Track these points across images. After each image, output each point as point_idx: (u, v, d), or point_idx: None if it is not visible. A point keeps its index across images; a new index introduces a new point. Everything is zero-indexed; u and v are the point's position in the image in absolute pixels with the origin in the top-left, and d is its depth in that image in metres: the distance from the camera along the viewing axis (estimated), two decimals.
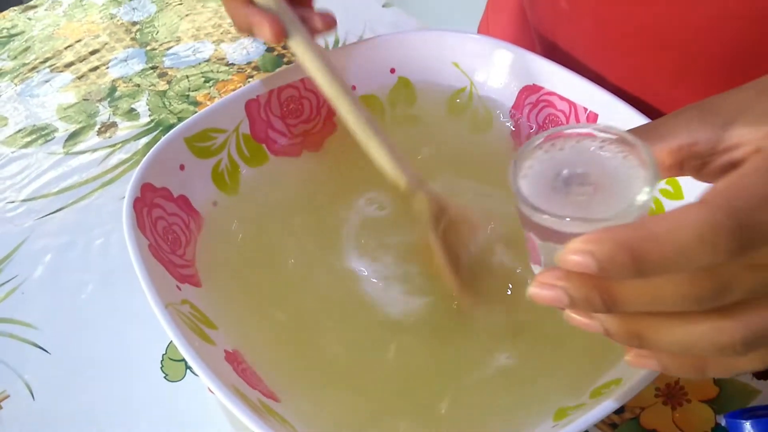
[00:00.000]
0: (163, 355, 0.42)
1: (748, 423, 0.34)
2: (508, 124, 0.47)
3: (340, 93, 0.40)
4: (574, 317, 0.25)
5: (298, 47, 0.40)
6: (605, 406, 0.29)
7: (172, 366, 0.42)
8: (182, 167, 0.42)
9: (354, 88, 0.48)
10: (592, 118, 0.43)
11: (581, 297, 0.23)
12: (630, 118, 0.41)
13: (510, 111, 0.47)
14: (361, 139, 0.40)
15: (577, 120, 0.44)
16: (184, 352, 0.31)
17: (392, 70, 0.48)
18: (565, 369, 0.35)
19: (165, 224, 0.40)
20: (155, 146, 0.41)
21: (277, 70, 0.47)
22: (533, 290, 0.24)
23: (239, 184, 0.44)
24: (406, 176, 0.40)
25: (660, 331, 0.23)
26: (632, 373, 0.31)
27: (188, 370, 0.41)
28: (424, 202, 0.40)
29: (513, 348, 0.37)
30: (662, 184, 0.40)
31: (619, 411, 0.38)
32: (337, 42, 0.63)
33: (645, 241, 0.21)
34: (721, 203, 0.21)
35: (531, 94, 0.46)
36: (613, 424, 0.37)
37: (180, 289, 0.37)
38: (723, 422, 0.37)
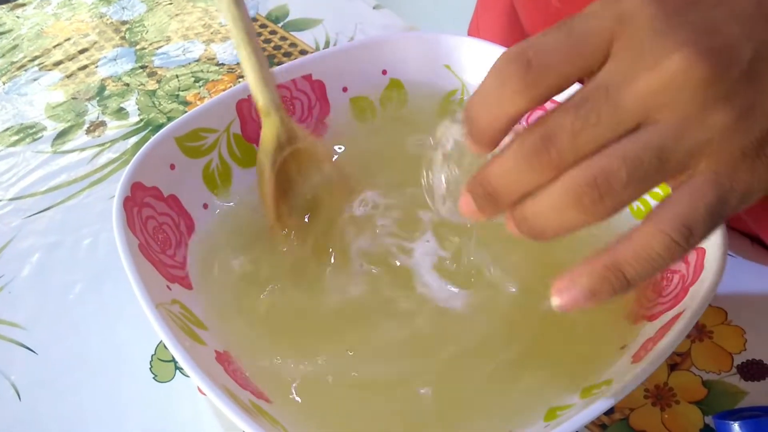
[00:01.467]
0: (152, 355, 0.42)
1: (736, 424, 0.34)
2: None
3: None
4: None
5: None
6: (596, 407, 0.29)
7: (162, 367, 0.41)
8: (172, 167, 0.42)
9: (346, 89, 0.48)
10: None
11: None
12: None
13: None
14: (235, 45, 0.40)
15: None
16: (174, 352, 0.31)
17: (384, 72, 0.48)
18: (555, 369, 0.35)
19: (155, 224, 0.40)
20: (145, 145, 0.41)
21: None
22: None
23: (230, 184, 0.44)
24: (267, 94, 0.40)
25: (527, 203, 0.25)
26: (623, 373, 0.32)
27: (178, 371, 0.41)
28: (274, 124, 0.41)
29: (502, 349, 0.37)
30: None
31: (609, 412, 0.38)
32: (327, 43, 0.63)
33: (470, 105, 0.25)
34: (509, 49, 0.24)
35: None
36: (602, 425, 0.37)
37: (170, 288, 0.37)
38: (711, 423, 0.37)
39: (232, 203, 0.44)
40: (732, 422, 0.34)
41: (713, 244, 0.34)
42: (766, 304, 0.41)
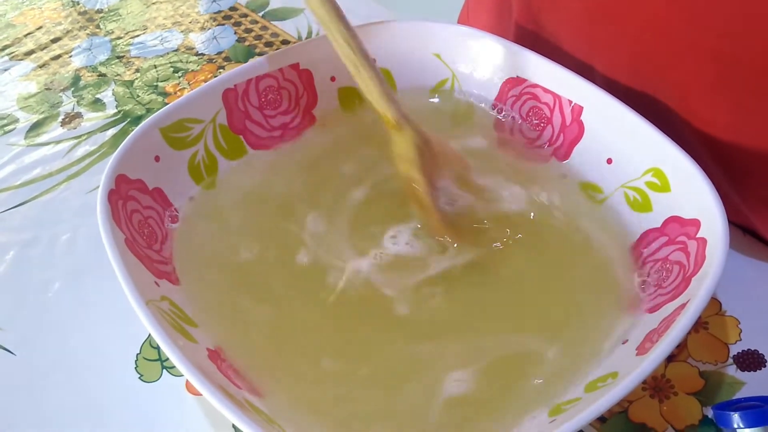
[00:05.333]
0: (137, 354, 0.40)
1: (736, 415, 0.34)
2: (491, 116, 0.46)
3: (334, 14, 0.40)
4: None
5: None
6: (606, 400, 0.29)
7: (147, 366, 0.40)
8: (157, 158, 0.41)
9: (334, 79, 0.47)
10: (577, 111, 0.43)
11: None
12: (617, 110, 0.40)
13: (493, 103, 0.46)
14: (352, 67, 0.40)
15: (562, 113, 0.43)
16: (168, 352, 0.30)
17: (373, 61, 0.47)
18: (559, 363, 0.35)
19: (140, 218, 0.38)
20: (129, 136, 0.39)
21: (252, 59, 0.46)
22: None
23: (216, 176, 0.43)
24: (394, 109, 0.40)
25: None
26: (628, 366, 0.31)
27: (164, 370, 0.40)
28: (410, 135, 0.40)
29: (505, 343, 0.36)
30: (649, 176, 0.40)
31: None
32: (310, 33, 0.62)
33: None
34: None
35: (514, 87, 0.45)
36: (601, 417, 0.37)
37: (158, 285, 0.36)
38: (710, 414, 0.37)
39: (218, 196, 0.43)
40: (732, 413, 0.34)
41: (715, 233, 0.34)
42: (760, 293, 0.41)
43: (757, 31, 0.37)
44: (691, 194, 0.37)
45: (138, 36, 0.61)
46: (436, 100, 0.48)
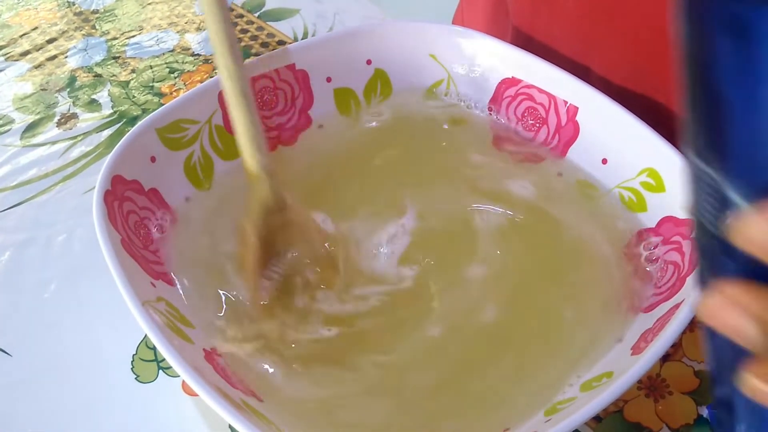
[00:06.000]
0: (134, 355, 0.40)
1: None
2: (486, 116, 0.46)
3: (227, 47, 0.38)
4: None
5: None
6: (601, 400, 0.29)
7: (144, 367, 0.40)
8: (153, 159, 0.41)
9: (330, 79, 0.47)
10: (573, 111, 0.43)
11: None
12: (612, 111, 0.41)
13: (488, 104, 0.46)
14: (229, 104, 0.38)
15: (557, 113, 0.44)
16: (165, 353, 0.30)
17: (368, 62, 0.47)
18: (554, 363, 0.35)
19: (136, 218, 0.38)
20: (125, 137, 0.39)
21: (248, 60, 0.46)
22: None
23: (212, 177, 0.43)
24: (259, 158, 0.38)
25: None
26: (623, 365, 0.31)
27: (161, 371, 0.40)
28: (263, 191, 0.38)
29: (499, 343, 0.36)
30: (644, 176, 0.40)
31: None
32: (306, 34, 0.62)
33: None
34: None
35: (510, 87, 0.45)
36: (597, 417, 0.37)
37: (154, 286, 0.36)
38: (705, 413, 0.37)
39: (214, 197, 0.43)
40: None
41: None
42: None
43: None
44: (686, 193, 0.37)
45: (134, 36, 0.61)
46: (431, 102, 0.48)
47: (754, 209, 0.17)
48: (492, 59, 0.46)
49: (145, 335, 0.41)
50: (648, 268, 0.37)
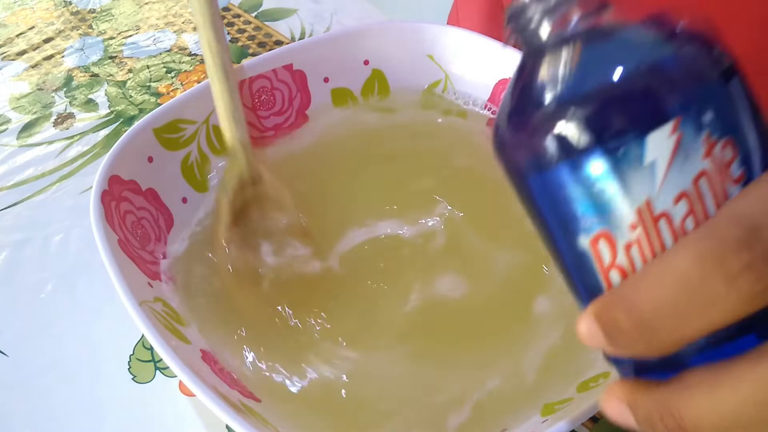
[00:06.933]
0: (131, 355, 0.40)
1: None
2: (484, 117, 0.46)
3: (209, 22, 0.39)
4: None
5: None
6: (595, 403, 0.29)
7: (141, 367, 0.40)
8: (150, 159, 0.40)
9: (327, 80, 0.47)
10: None
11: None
12: None
13: (486, 104, 0.46)
14: (210, 80, 0.40)
15: None
16: (162, 353, 0.30)
17: (366, 62, 0.47)
18: (549, 362, 0.35)
19: (134, 218, 0.38)
20: (123, 137, 0.39)
21: (245, 60, 0.46)
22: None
23: (210, 177, 0.43)
24: (235, 132, 0.39)
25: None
26: None
27: (158, 371, 0.40)
28: (238, 164, 0.39)
29: (496, 343, 0.36)
30: None
31: None
32: (303, 34, 0.62)
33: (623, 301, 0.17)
34: (719, 218, 0.17)
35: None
36: (594, 417, 0.37)
37: (151, 286, 0.36)
38: None
39: (211, 197, 0.43)
40: None
41: None
42: None
43: (750, 25, 0.38)
44: None
45: (131, 36, 0.61)
46: (429, 102, 0.48)
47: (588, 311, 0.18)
48: (489, 59, 0.46)
49: (142, 335, 0.41)
50: None
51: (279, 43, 0.61)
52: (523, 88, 0.19)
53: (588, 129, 0.17)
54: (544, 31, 0.19)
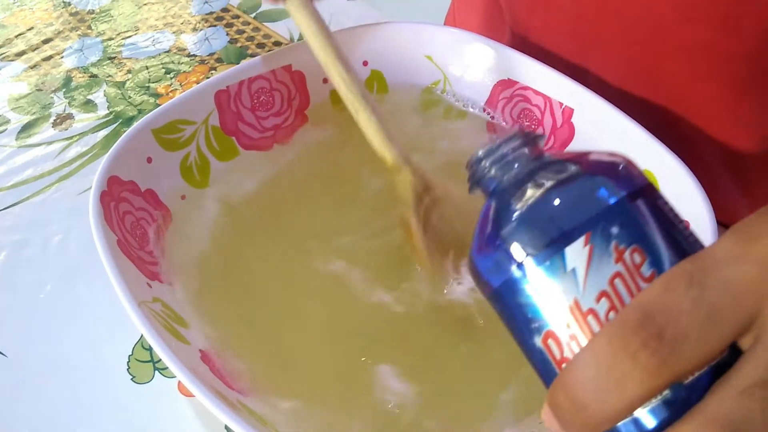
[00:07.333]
0: (130, 356, 0.40)
1: None
2: (482, 118, 0.47)
3: (334, 58, 0.40)
4: None
5: (296, 9, 0.40)
6: None
7: (139, 367, 0.40)
8: (149, 160, 0.41)
9: (326, 80, 0.47)
10: (568, 113, 0.43)
11: None
12: (607, 113, 0.41)
13: (484, 105, 0.47)
14: (352, 109, 0.40)
15: (552, 115, 0.44)
16: (160, 352, 0.30)
17: (365, 63, 0.47)
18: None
19: (132, 219, 0.38)
20: (122, 137, 0.39)
21: (244, 61, 0.46)
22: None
23: (209, 178, 0.43)
24: (394, 151, 0.39)
25: None
26: None
27: (157, 372, 0.40)
28: (408, 178, 0.39)
29: (488, 352, 0.36)
30: None
31: None
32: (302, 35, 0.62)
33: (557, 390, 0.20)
34: (626, 308, 0.20)
35: (506, 89, 0.45)
36: None
37: (150, 286, 0.36)
38: None
39: (210, 198, 0.43)
40: None
41: (704, 235, 0.34)
42: None
43: (750, 24, 0.38)
44: (681, 196, 0.37)
45: (130, 37, 0.61)
46: (427, 103, 0.48)
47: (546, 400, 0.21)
48: (488, 61, 0.46)
49: (141, 336, 0.41)
50: None
51: (278, 44, 0.61)
52: (480, 223, 0.24)
53: (523, 248, 0.21)
54: (489, 178, 0.24)
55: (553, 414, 0.20)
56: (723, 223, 0.38)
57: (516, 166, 0.24)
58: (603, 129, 0.41)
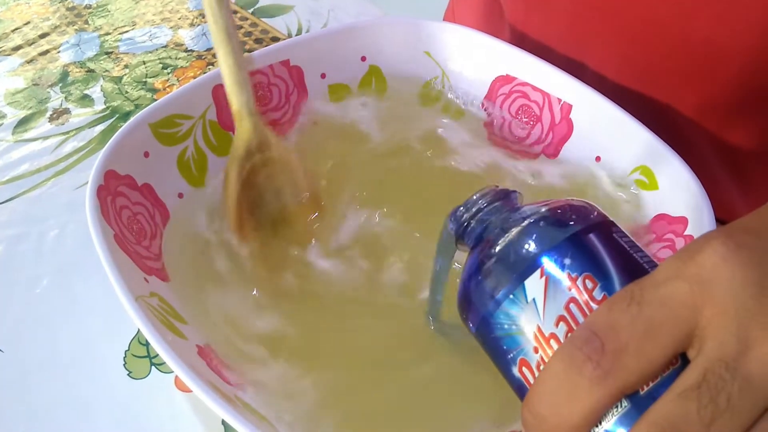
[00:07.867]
0: (126, 351, 0.40)
1: None
2: (481, 114, 0.46)
3: None
4: None
5: None
6: None
7: (136, 363, 0.40)
8: (147, 154, 0.40)
9: (324, 75, 0.47)
10: (566, 109, 0.43)
11: None
12: (606, 108, 0.41)
13: (482, 101, 0.46)
14: (214, 44, 0.39)
15: (551, 111, 0.44)
16: (158, 348, 0.30)
17: (363, 59, 0.47)
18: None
19: (129, 214, 0.38)
20: (119, 131, 0.39)
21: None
22: None
23: (206, 173, 0.43)
24: (241, 97, 0.39)
25: None
26: None
27: (153, 367, 0.40)
28: (246, 130, 0.39)
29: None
30: (637, 174, 0.40)
31: None
32: (300, 30, 0.62)
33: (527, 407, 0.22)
34: (577, 328, 0.22)
35: (504, 85, 0.45)
36: None
37: (147, 281, 0.36)
38: None
39: (207, 192, 0.43)
40: None
41: (702, 231, 0.34)
42: None
43: (749, 22, 0.38)
44: (679, 192, 0.37)
45: (127, 32, 0.61)
46: (426, 99, 0.48)
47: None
48: (487, 57, 0.46)
49: (138, 331, 0.41)
50: None
51: (276, 39, 0.60)
52: (464, 268, 0.27)
53: (493, 286, 0.25)
54: (468, 232, 0.28)
55: (525, 430, 0.22)
56: (722, 220, 0.38)
57: (490, 219, 0.28)
58: (601, 124, 0.41)
